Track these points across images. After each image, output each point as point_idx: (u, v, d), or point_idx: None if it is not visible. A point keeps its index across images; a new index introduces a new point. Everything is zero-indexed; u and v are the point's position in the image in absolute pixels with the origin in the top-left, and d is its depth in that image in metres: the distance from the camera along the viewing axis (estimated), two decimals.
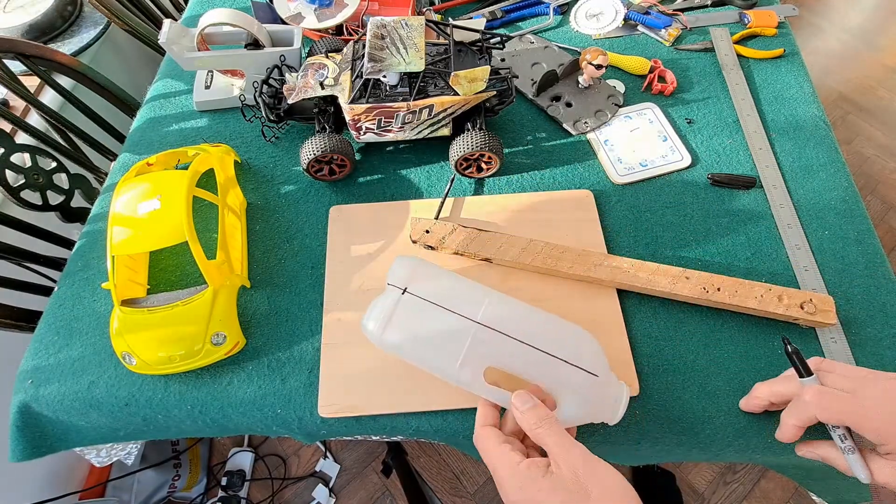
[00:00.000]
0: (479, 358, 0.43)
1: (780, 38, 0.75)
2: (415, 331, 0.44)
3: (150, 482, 1.15)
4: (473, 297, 0.45)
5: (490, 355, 0.43)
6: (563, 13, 0.79)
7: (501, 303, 0.46)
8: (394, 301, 0.45)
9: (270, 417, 0.52)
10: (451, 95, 0.57)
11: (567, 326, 0.45)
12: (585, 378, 0.42)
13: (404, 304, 0.45)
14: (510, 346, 0.43)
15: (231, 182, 0.62)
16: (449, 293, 0.45)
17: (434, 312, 0.44)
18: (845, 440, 0.41)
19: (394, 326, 0.44)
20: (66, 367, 0.54)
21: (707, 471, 1.18)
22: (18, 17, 1.05)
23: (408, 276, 0.46)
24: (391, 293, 0.46)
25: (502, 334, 0.43)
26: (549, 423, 0.39)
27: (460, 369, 0.43)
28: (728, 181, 0.62)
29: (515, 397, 0.41)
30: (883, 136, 1.67)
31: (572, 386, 0.42)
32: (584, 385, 0.42)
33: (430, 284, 0.46)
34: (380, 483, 1.19)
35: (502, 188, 0.63)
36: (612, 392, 0.43)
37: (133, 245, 0.52)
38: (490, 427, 0.41)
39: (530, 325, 0.44)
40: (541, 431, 0.39)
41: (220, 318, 0.52)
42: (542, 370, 0.43)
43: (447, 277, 0.47)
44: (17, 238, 0.76)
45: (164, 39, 0.61)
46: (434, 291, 0.45)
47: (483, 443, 0.41)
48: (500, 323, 0.44)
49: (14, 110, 0.95)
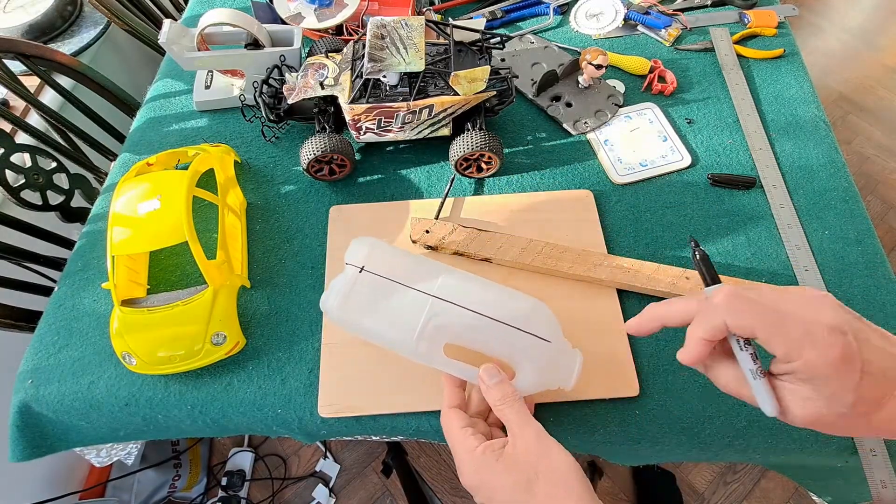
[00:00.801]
0: (436, 331, 0.44)
1: (780, 38, 0.75)
2: (372, 307, 0.45)
3: (150, 482, 1.15)
4: (429, 273, 0.47)
5: (446, 327, 0.44)
6: (563, 13, 0.79)
7: (456, 277, 0.47)
8: (351, 279, 0.46)
9: (270, 417, 0.52)
10: (451, 95, 0.57)
11: (520, 297, 0.47)
12: (538, 344, 0.44)
13: (361, 281, 0.46)
14: (465, 318, 0.44)
15: (231, 182, 0.62)
16: (405, 270, 0.47)
17: (390, 288, 0.46)
18: (755, 361, 0.34)
19: (352, 304, 0.45)
20: (66, 367, 0.54)
21: (707, 471, 1.18)
22: (18, 17, 1.05)
23: (365, 256, 0.47)
24: (349, 272, 0.47)
25: (457, 306, 0.45)
26: (512, 400, 0.40)
27: (417, 342, 0.44)
28: (728, 181, 0.62)
29: (483, 371, 0.42)
30: (883, 136, 1.67)
31: (526, 353, 0.44)
32: (537, 351, 0.44)
33: (386, 263, 0.47)
34: (380, 483, 1.19)
35: (502, 188, 0.63)
36: (566, 358, 0.45)
37: (133, 245, 0.52)
38: (455, 409, 0.43)
39: (484, 297, 0.46)
40: (503, 408, 0.40)
41: (220, 318, 0.52)
42: (496, 339, 0.44)
43: (404, 256, 0.49)
44: (17, 238, 0.76)
45: (164, 39, 0.61)
46: (390, 269, 0.46)
47: (446, 425, 0.42)
48: (455, 296, 0.45)
49: (14, 110, 0.95)
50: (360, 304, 0.45)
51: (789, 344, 0.31)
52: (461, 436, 0.40)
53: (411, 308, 0.45)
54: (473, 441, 0.39)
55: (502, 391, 0.41)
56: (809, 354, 0.31)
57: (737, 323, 0.33)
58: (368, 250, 0.47)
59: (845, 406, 0.31)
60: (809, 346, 0.31)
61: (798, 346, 0.31)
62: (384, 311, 0.45)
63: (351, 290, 0.46)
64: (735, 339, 0.35)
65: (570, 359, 0.45)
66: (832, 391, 0.31)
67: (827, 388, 0.31)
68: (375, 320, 0.45)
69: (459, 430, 0.41)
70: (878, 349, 0.31)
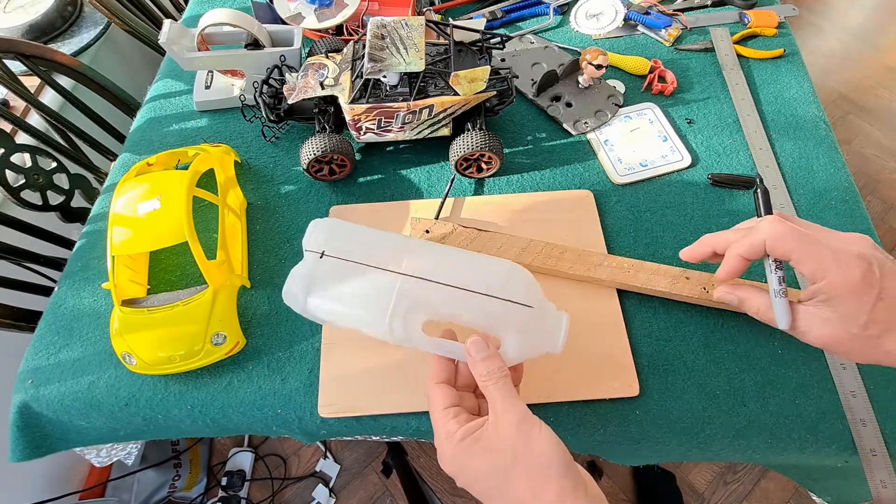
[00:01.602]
0: (409, 310, 0.41)
1: (780, 38, 0.75)
2: (338, 293, 0.42)
3: (150, 482, 1.15)
4: (394, 248, 0.44)
5: (419, 305, 0.41)
6: (563, 13, 0.79)
7: (423, 250, 0.44)
8: (312, 265, 0.43)
9: (270, 417, 0.52)
10: (451, 95, 0.57)
11: (494, 262, 0.44)
12: (519, 311, 0.41)
13: (323, 267, 0.43)
14: (438, 293, 0.42)
15: (231, 182, 0.62)
16: (368, 249, 0.44)
17: (355, 271, 0.43)
18: (781, 283, 0.40)
19: (316, 292, 0.42)
20: (66, 367, 0.54)
21: (707, 471, 1.18)
22: (18, 17, 1.05)
23: (324, 239, 0.44)
24: (308, 258, 0.44)
25: (428, 281, 0.42)
26: (497, 377, 0.38)
27: (391, 324, 0.41)
28: (728, 181, 0.62)
29: (471, 344, 0.39)
30: (883, 136, 1.67)
31: (507, 321, 0.41)
32: (518, 318, 0.41)
33: (347, 243, 0.44)
34: (380, 483, 1.19)
35: (502, 188, 0.63)
36: (551, 322, 0.42)
37: (133, 245, 0.52)
38: (441, 386, 0.40)
39: (455, 268, 0.43)
40: (487, 385, 0.38)
41: (220, 318, 0.52)
42: (474, 311, 0.41)
43: (365, 234, 0.46)
44: (17, 238, 0.76)
45: (165, 39, 0.61)
46: (352, 250, 0.43)
47: (430, 403, 0.40)
48: (425, 271, 0.42)
49: (14, 110, 0.95)
50: (325, 292, 0.42)
51: (817, 265, 0.36)
52: (443, 417, 0.38)
53: (380, 289, 0.42)
54: (454, 425, 0.37)
55: (488, 367, 0.38)
56: (833, 275, 0.35)
57: (775, 243, 0.37)
58: (327, 233, 0.45)
59: (857, 326, 0.35)
60: (835, 267, 0.35)
61: (824, 267, 0.36)
62: (350, 295, 0.42)
63: (313, 277, 0.42)
64: (769, 262, 0.40)
65: (556, 322, 0.42)
66: (848, 312, 0.36)
67: (844, 308, 0.36)
68: (344, 307, 0.42)
69: (442, 411, 0.38)
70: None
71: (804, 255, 0.36)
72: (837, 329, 0.36)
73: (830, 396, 0.50)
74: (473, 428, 0.37)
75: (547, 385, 0.50)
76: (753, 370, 0.51)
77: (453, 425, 0.37)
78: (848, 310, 0.36)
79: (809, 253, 0.36)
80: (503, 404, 0.36)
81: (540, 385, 0.50)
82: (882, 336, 0.35)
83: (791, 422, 0.49)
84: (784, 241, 0.37)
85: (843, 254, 0.36)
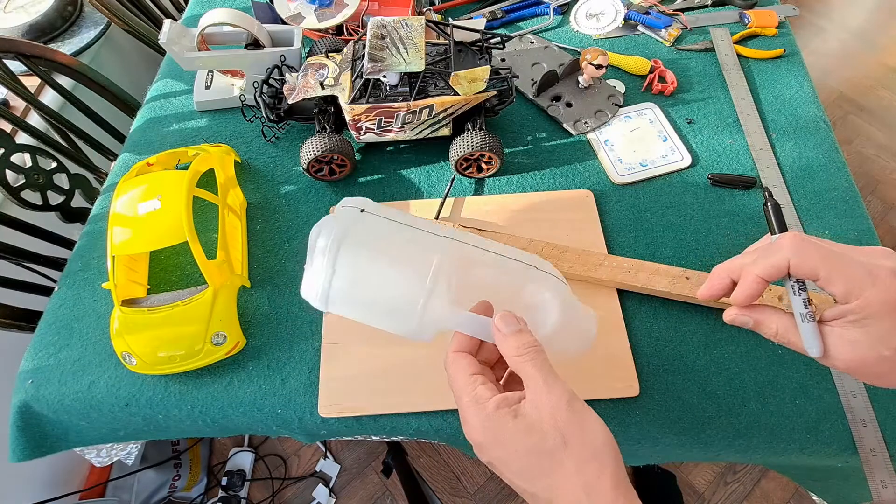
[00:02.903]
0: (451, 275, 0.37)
1: (780, 38, 0.75)
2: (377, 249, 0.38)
3: (150, 482, 1.15)
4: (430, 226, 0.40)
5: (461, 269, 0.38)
6: (563, 13, 0.79)
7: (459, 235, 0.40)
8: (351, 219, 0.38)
9: (270, 417, 0.52)
10: (452, 95, 0.57)
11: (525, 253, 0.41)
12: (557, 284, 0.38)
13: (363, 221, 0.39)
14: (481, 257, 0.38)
15: (231, 182, 0.62)
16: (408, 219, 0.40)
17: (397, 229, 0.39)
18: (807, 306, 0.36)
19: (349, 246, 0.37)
20: (66, 367, 0.54)
21: (707, 471, 1.18)
22: (18, 17, 1.05)
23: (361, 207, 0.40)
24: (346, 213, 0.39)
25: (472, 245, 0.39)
26: (535, 352, 0.34)
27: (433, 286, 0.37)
28: (728, 181, 0.62)
29: (500, 318, 0.36)
30: (883, 136, 1.67)
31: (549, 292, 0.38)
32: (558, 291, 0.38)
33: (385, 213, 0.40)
34: (380, 483, 1.19)
35: (502, 188, 0.63)
36: (582, 313, 0.40)
37: (133, 245, 0.52)
38: (462, 354, 0.37)
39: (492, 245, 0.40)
40: (523, 360, 0.34)
41: (220, 318, 0.52)
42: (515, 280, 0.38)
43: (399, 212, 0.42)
44: (17, 238, 0.76)
45: (165, 39, 0.61)
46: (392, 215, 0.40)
47: (452, 370, 0.36)
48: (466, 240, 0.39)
49: (14, 110, 0.94)
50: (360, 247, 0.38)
51: (850, 283, 0.33)
52: (470, 384, 0.34)
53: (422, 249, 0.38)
54: (485, 391, 0.33)
55: (521, 342, 0.34)
56: (870, 293, 0.32)
57: (800, 261, 0.34)
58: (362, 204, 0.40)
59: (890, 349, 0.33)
60: (871, 285, 0.32)
61: (859, 284, 0.33)
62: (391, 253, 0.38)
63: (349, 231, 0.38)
64: (791, 284, 0.36)
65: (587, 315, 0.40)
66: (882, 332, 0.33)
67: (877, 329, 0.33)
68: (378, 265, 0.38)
69: (468, 377, 0.35)
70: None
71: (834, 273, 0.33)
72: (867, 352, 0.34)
73: (830, 396, 0.50)
74: (511, 400, 0.33)
75: None
76: (753, 370, 0.51)
77: (484, 392, 0.34)
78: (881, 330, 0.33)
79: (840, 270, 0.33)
80: (546, 382, 0.33)
81: None
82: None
83: (791, 422, 0.49)
84: (810, 260, 0.34)
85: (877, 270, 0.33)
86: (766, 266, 0.35)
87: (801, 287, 0.36)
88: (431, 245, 0.38)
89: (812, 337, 0.35)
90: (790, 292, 0.37)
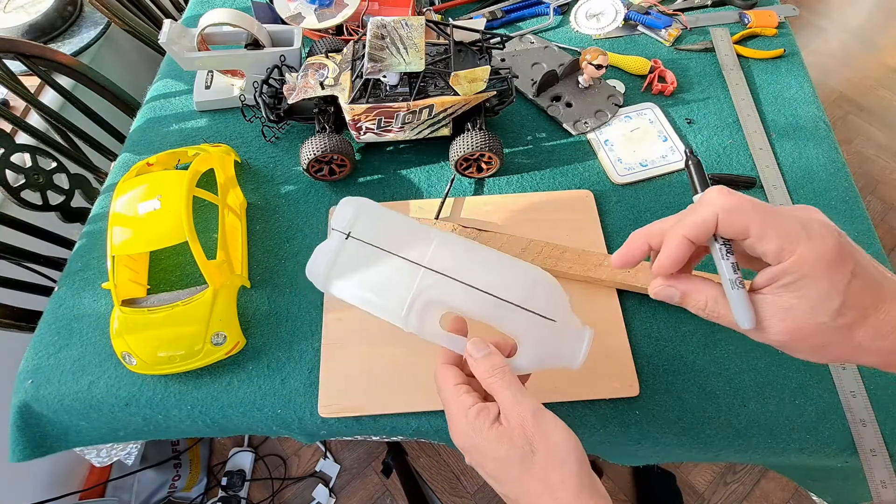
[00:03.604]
0: (427, 304, 0.42)
1: (780, 38, 0.75)
2: (360, 276, 0.43)
3: (150, 482, 1.15)
4: (421, 238, 0.44)
5: (439, 300, 0.42)
6: (563, 13, 0.79)
7: (450, 243, 0.44)
8: (338, 245, 0.44)
9: (270, 417, 0.52)
10: (451, 95, 0.57)
11: (522, 267, 0.43)
12: (540, 323, 0.40)
13: (348, 248, 0.44)
14: (459, 292, 0.41)
15: (231, 182, 0.62)
16: (395, 235, 0.44)
17: (379, 256, 0.43)
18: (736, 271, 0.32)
19: (339, 272, 0.43)
20: (66, 367, 0.54)
21: (707, 471, 1.18)
22: (18, 17, 1.05)
23: (352, 219, 0.45)
24: (335, 238, 0.44)
25: (450, 278, 0.42)
26: (502, 373, 0.37)
27: (408, 315, 0.41)
28: (728, 181, 0.62)
29: (471, 344, 0.39)
30: (883, 136, 1.67)
31: (526, 330, 0.40)
32: (538, 329, 0.40)
33: (375, 227, 0.44)
34: (380, 483, 1.19)
35: (502, 188, 0.63)
36: (572, 336, 0.41)
37: (133, 245, 0.52)
38: (450, 366, 0.40)
39: (481, 267, 0.42)
40: (493, 381, 0.37)
41: (220, 318, 0.52)
42: (493, 315, 0.41)
43: (395, 220, 0.46)
44: (17, 238, 0.76)
45: (165, 39, 0.61)
46: (379, 234, 0.44)
47: (440, 381, 0.39)
48: (449, 265, 0.42)
49: (14, 110, 0.94)
50: (347, 273, 0.43)
51: (784, 238, 0.29)
52: (455, 393, 0.38)
53: (401, 278, 0.42)
54: (468, 399, 0.37)
55: (491, 364, 0.38)
56: (804, 248, 0.29)
57: (729, 216, 0.30)
58: (355, 214, 0.45)
59: (829, 314, 0.29)
60: (805, 239, 0.29)
61: (794, 239, 0.29)
62: (372, 280, 0.43)
63: (337, 256, 0.43)
64: (717, 247, 0.32)
65: (578, 336, 0.41)
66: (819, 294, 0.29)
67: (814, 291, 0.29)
68: (364, 290, 0.43)
69: (453, 387, 0.38)
70: (867, 258, 0.30)
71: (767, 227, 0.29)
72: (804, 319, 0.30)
73: (830, 396, 0.50)
74: (490, 409, 0.36)
75: (547, 385, 0.50)
76: (753, 370, 0.51)
77: (467, 399, 0.37)
78: (819, 292, 0.29)
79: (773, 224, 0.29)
80: (513, 397, 0.36)
81: (540, 385, 0.50)
82: (854, 325, 0.29)
83: (791, 422, 0.50)
84: (741, 213, 0.30)
85: (810, 222, 0.29)
86: (691, 224, 0.31)
87: (728, 250, 0.32)
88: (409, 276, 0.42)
89: (742, 306, 0.31)
90: (716, 255, 0.33)
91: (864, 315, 0.29)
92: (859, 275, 0.29)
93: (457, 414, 0.37)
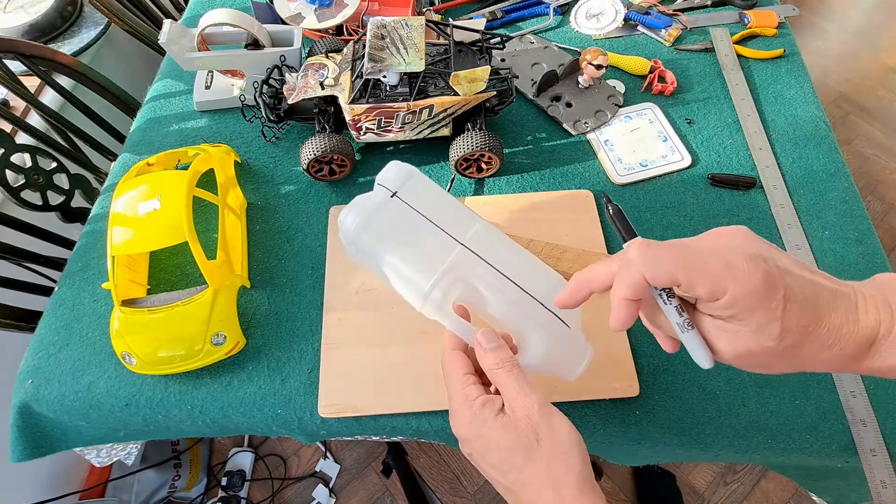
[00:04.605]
0: (455, 281, 0.41)
1: (780, 39, 0.75)
2: (392, 238, 0.41)
3: (150, 482, 1.15)
4: (462, 219, 0.43)
5: (466, 281, 0.41)
6: (563, 13, 0.79)
7: (489, 232, 0.43)
8: (380, 201, 0.42)
9: (270, 417, 0.52)
10: (451, 95, 0.57)
11: (550, 273, 0.43)
12: (556, 325, 0.40)
13: (388, 207, 0.42)
14: (488, 276, 0.41)
15: (231, 182, 0.62)
16: (438, 209, 0.43)
17: (418, 224, 0.42)
18: (682, 314, 0.33)
19: (372, 229, 0.41)
20: (66, 367, 0.54)
21: (707, 471, 1.18)
22: (18, 17, 1.05)
23: (400, 181, 0.43)
24: (379, 192, 0.42)
25: (484, 261, 0.41)
26: (511, 366, 0.37)
27: (432, 289, 0.40)
28: (728, 181, 0.62)
29: (481, 334, 0.39)
30: (883, 136, 1.67)
31: (541, 328, 0.40)
32: (552, 331, 0.40)
33: (420, 195, 0.43)
34: (380, 483, 1.19)
35: (502, 188, 0.63)
36: (577, 350, 0.41)
37: (133, 245, 0.52)
38: (459, 352, 0.40)
39: (514, 262, 0.42)
40: (500, 373, 0.37)
41: (220, 318, 0.52)
42: (514, 307, 0.41)
43: (440, 194, 0.44)
44: (17, 238, 0.76)
45: (165, 39, 0.61)
46: (424, 203, 0.42)
47: (447, 366, 0.39)
48: (485, 251, 0.41)
49: (14, 110, 0.94)
50: (382, 231, 0.41)
51: (712, 281, 0.30)
52: (461, 382, 0.38)
53: (435, 251, 0.41)
54: (474, 390, 0.37)
55: (500, 356, 0.38)
56: (733, 287, 0.29)
57: (654, 272, 0.31)
58: (405, 177, 0.43)
59: (772, 338, 0.30)
60: (731, 278, 0.30)
61: (721, 280, 0.30)
62: (405, 245, 0.41)
63: (375, 212, 0.41)
64: (658, 294, 0.33)
65: (581, 352, 0.41)
66: (758, 322, 0.30)
67: (755, 320, 0.30)
68: (392, 253, 0.41)
69: (461, 376, 0.38)
70: (797, 276, 0.30)
71: (691, 275, 0.30)
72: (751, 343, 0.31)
73: (830, 396, 0.50)
74: (495, 401, 0.36)
75: (547, 385, 0.50)
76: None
77: (473, 390, 0.37)
78: (759, 321, 0.30)
79: (697, 270, 0.30)
80: (520, 389, 0.36)
81: (540, 385, 0.50)
82: (798, 344, 0.30)
83: (791, 422, 0.50)
84: (663, 267, 0.31)
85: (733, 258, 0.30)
86: (625, 287, 0.32)
87: (669, 295, 0.33)
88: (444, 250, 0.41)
89: (697, 347, 0.33)
90: (660, 303, 0.33)
91: (805, 333, 0.30)
92: (792, 297, 0.30)
93: (461, 403, 0.37)
